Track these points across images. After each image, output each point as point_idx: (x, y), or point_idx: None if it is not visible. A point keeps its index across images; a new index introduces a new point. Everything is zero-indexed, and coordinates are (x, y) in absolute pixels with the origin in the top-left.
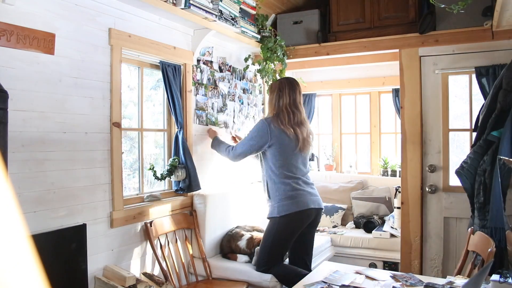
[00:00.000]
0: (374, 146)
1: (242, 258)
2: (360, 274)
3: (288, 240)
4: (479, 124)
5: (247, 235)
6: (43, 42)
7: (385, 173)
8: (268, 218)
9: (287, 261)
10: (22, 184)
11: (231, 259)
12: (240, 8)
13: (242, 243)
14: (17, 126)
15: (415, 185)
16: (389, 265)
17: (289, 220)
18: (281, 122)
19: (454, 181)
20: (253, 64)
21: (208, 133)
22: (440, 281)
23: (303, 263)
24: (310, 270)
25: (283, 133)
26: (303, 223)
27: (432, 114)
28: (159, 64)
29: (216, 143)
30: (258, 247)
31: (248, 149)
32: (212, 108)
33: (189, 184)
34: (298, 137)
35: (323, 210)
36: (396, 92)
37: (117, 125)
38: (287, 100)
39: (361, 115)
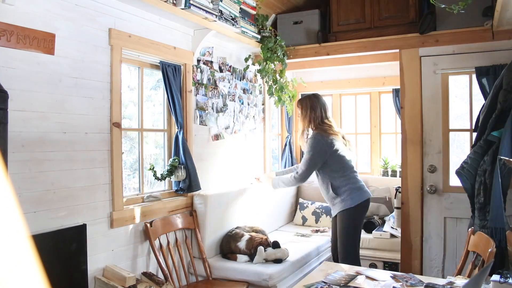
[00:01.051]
0: (374, 146)
1: (242, 258)
2: (360, 274)
3: (361, 228)
4: (479, 124)
5: (246, 235)
6: (43, 42)
7: (385, 173)
8: (342, 211)
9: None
10: (22, 184)
11: (231, 259)
12: (240, 8)
13: (242, 244)
14: (17, 126)
15: (415, 185)
16: (389, 265)
17: (361, 209)
18: (330, 130)
19: (454, 181)
20: (253, 64)
21: (261, 180)
22: (440, 281)
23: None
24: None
25: (336, 140)
26: (367, 210)
27: (432, 114)
28: (159, 64)
29: (278, 182)
30: (261, 247)
31: (311, 169)
32: (212, 108)
33: (189, 184)
34: (345, 138)
35: None
36: (396, 92)
37: (117, 125)
38: (324, 114)
39: (361, 115)
